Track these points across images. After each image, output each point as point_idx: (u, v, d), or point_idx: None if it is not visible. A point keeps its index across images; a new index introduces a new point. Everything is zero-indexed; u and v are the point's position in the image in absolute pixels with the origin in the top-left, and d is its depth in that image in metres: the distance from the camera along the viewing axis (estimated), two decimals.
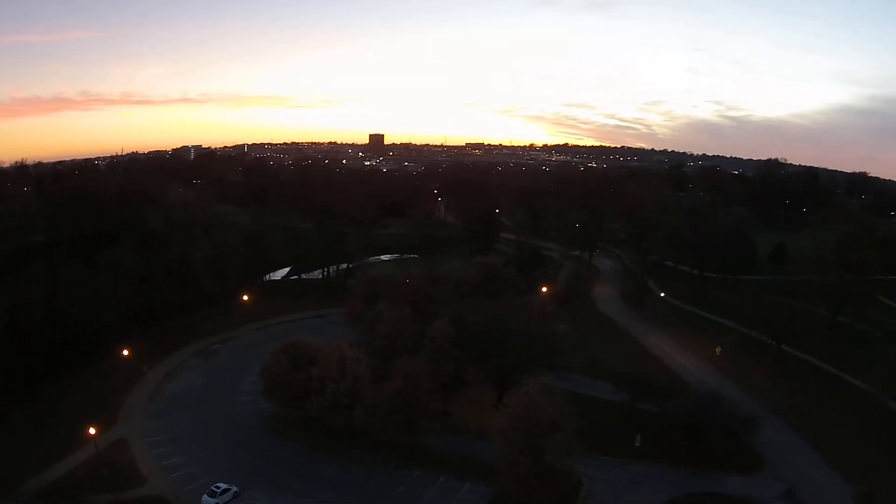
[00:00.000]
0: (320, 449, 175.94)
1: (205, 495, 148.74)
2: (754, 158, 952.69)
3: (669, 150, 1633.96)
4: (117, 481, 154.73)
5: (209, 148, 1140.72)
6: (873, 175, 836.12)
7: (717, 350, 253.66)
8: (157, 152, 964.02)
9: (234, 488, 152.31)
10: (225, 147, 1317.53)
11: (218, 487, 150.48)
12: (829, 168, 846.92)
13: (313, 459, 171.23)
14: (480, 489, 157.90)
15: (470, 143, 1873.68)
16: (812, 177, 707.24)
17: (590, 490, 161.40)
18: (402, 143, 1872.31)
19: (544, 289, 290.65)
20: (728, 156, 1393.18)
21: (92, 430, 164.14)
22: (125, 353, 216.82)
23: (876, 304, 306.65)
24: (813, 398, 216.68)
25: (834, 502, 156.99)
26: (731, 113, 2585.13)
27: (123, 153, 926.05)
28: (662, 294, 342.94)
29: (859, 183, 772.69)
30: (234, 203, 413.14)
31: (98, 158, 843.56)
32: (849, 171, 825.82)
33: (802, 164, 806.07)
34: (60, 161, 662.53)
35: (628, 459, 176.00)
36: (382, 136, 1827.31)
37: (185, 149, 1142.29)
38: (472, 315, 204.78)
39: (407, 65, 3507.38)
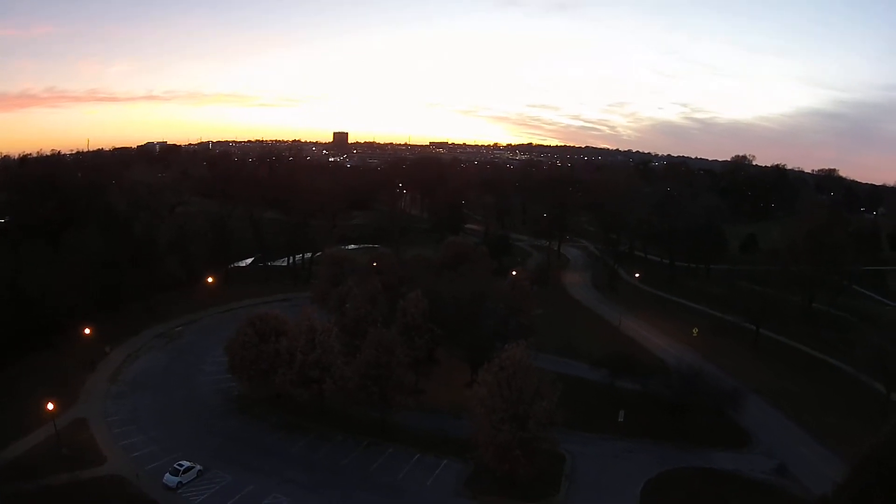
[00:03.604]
0: (288, 427, 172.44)
1: (167, 473, 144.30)
2: (720, 160, 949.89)
3: (634, 151, 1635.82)
4: (77, 460, 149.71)
5: (174, 145, 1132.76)
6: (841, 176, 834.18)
7: (694, 331, 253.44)
8: (123, 149, 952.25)
9: (198, 466, 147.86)
10: (189, 144, 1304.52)
11: (181, 465, 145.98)
12: (797, 169, 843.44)
13: (281, 437, 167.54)
14: (458, 466, 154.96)
15: (434, 143, 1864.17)
16: (780, 173, 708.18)
17: (573, 464, 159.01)
18: (365, 142, 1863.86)
19: (514, 273, 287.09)
20: (693, 156, 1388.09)
21: (50, 406, 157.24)
22: (87, 333, 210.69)
23: (849, 292, 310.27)
24: (795, 379, 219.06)
25: (831, 478, 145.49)
26: (697, 115, 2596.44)
27: (89, 149, 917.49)
28: (637, 275, 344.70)
29: (827, 181, 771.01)
30: (199, 194, 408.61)
31: (65, 155, 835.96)
32: (816, 171, 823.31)
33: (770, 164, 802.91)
34: (27, 155, 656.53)
35: (611, 435, 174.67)
36: (346, 134, 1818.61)
37: (149, 145, 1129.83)
38: (444, 289, 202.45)
39: (371, 64, 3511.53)
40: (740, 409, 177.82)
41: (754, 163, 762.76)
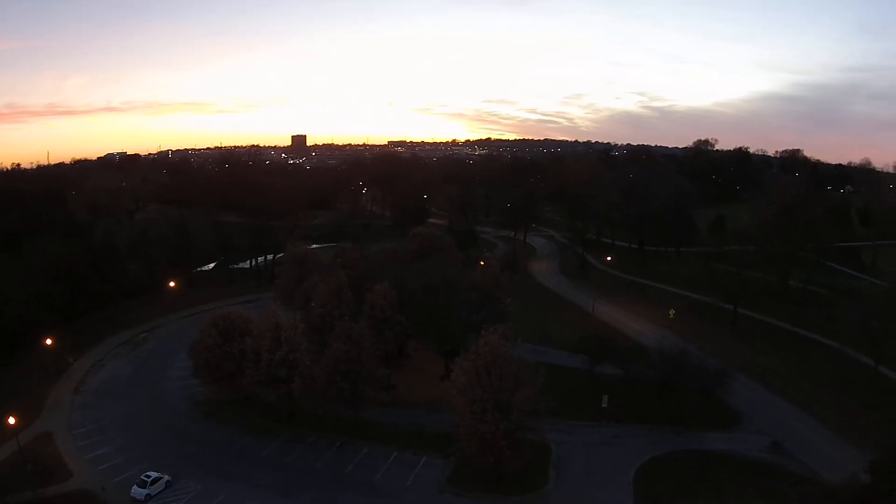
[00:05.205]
0: (258, 430, 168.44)
1: (134, 486, 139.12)
2: (680, 146, 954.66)
3: (594, 141, 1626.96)
4: (42, 476, 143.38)
5: (134, 154, 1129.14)
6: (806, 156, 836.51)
7: (671, 313, 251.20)
8: (83, 161, 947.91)
9: (167, 476, 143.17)
10: (149, 154, 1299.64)
11: (148, 476, 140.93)
12: (760, 151, 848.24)
13: (250, 441, 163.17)
14: (439, 462, 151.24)
15: (392, 142, 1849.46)
16: (744, 156, 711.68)
17: (560, 454, 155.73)
18: (324, 144, 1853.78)
19: (482, 263, 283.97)
20: (653, 144, 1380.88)
21: (12, 422, 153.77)
22: (50, 344, 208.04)
23: (824, 269, 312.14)
24: (778, 356, 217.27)
25: (827, 453, 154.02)
26: (655, 103, 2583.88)
27: (49, 163, 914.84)
28: (609, 258, 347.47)
29: (792, 161, 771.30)
30: (159, 201, 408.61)
31: (26, 169, 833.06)
32: (779, 152, 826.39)
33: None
34: None
35: (596, 422, 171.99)
36: (305, 136, 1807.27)
37: (109, 156, 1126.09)
38: (413, 281, 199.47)
39: (327, 66, 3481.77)
40: (727, 389, 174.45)
41: (716, 147, 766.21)
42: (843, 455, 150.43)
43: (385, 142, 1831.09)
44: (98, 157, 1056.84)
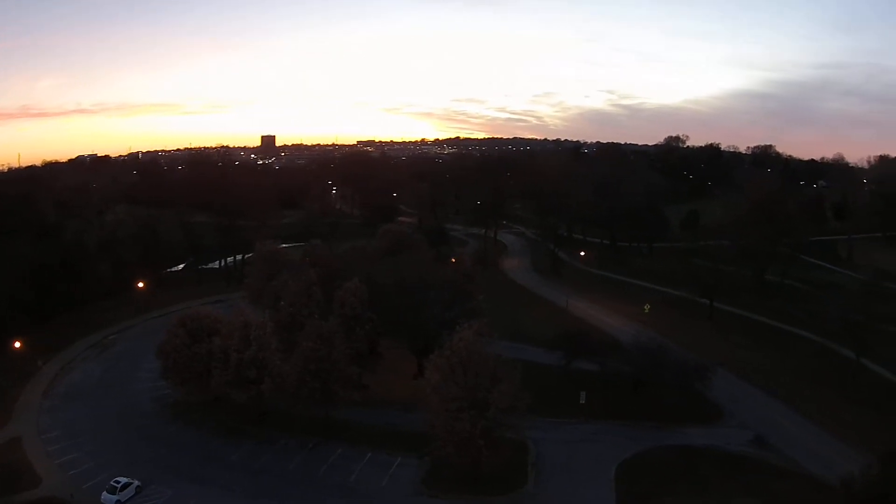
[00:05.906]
0: (229, 432, 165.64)
1: (104, 492, 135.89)
2: (650, 144, 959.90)
3: (563, 140, 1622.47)
4: (10, 483, 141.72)
5: (105, 156, 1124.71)
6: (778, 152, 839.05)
7: (646, 308, 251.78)
8: (54, 163, 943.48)
9: (136, 482, 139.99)
10: (120, 156, 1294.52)
11: (118, 482, 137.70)
12: (731, 147, 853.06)
13: (221, 444, 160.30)
14: (414, 462, 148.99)
15: (361, 141, 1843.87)
16: (715, 152, 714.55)
17: (539, 452, 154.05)
18: (293, 144, 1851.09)
19: (454, 260, 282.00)
20: (623, 142, 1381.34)
21: None
22: (18, 347, 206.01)
23: (800, 263, 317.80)
24: (758, 350, 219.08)
25: (811, 447, 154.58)
26: (624, 101, 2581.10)
27: (20, 165, 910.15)
28: (583, 253, 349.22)
29: (763, 157, 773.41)
30: (128, 201, 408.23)
31: None
32: (751, 148, 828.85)
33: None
34: None
35: (575, 419, 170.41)
36: (274, 137, 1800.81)
37: (80, 158, 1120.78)
38: (384, 278, 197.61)
39: (296, 67, 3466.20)
40: (707, 383, 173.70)
41: (687, 144, 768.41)
42: (828, 449, 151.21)
43: (354, 142, 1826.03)
44: (69, 159, 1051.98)
